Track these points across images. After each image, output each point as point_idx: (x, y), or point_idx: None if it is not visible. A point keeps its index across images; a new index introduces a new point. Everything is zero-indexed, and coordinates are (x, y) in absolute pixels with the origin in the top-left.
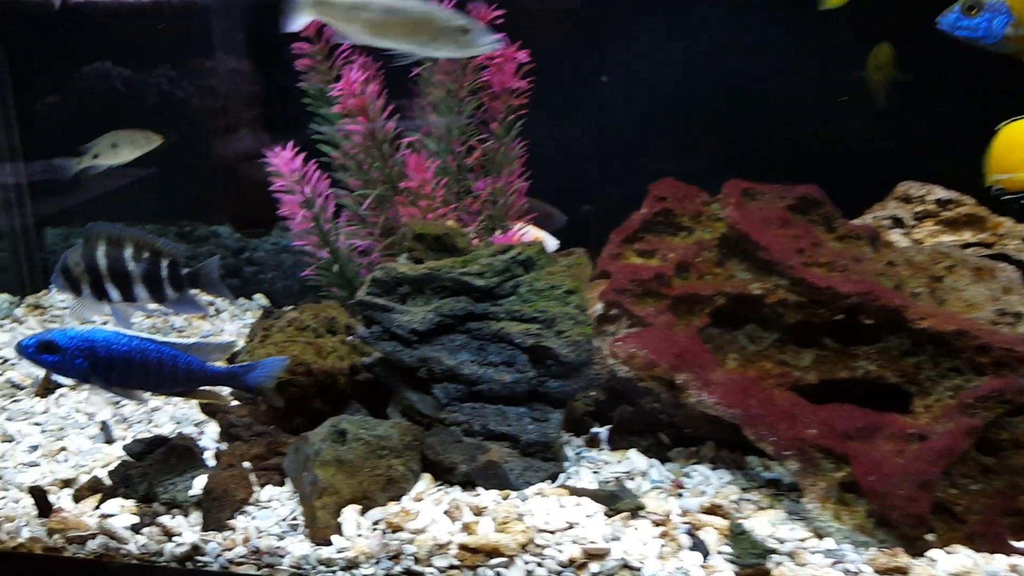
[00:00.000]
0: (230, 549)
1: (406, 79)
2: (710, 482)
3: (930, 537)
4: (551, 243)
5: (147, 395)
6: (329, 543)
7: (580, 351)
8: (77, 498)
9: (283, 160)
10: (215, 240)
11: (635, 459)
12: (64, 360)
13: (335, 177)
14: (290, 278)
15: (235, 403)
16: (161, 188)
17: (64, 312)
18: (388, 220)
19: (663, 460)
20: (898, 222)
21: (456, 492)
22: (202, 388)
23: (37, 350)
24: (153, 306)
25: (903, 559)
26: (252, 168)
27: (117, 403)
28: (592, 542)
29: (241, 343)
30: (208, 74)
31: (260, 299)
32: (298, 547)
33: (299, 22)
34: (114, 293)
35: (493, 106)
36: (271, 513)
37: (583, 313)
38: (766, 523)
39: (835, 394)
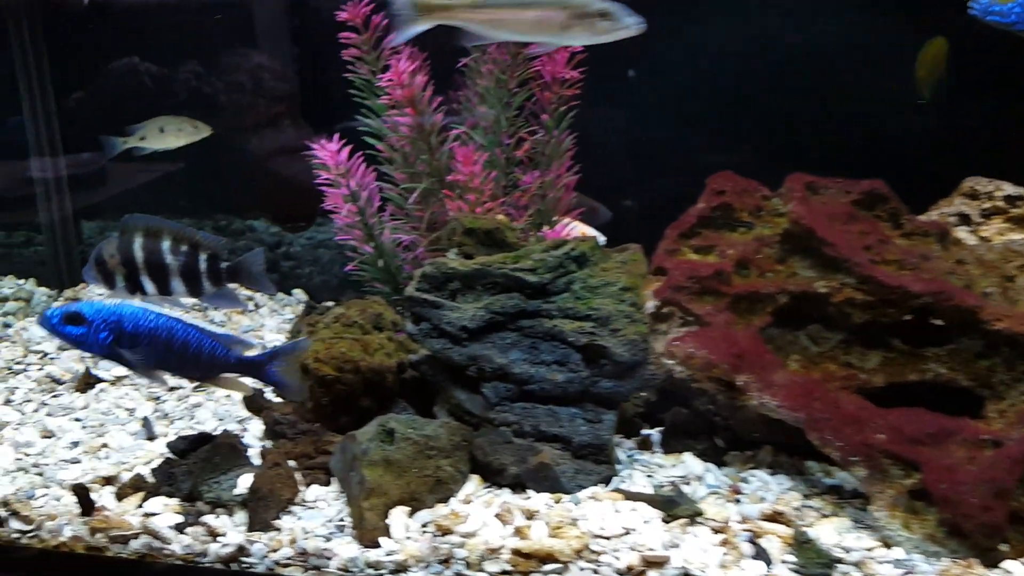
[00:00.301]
0: (276, 550)
1: (452, 70)
2: (769, 488)
3: (1004, 548)
4: (597, 239)
5: (168, 377)
6: (377, 545)
7: (636, 350)
8: (120, 496)
9: (329, 153)
10: (251, 234)
11: (690, 463)
12: (88, 333)
13: (380, 170)
14: (328, 273)
15: (277, 399)
16: (197, 182)
17: None
18: (434, 214)
19: (719, 464)
20: (964, 219)
21: (506, 495)
22: (223, 376)
23: (62, 321)
24: (190, 301)
25: (977, 570)
26: (292, 162)
27: (157, 399)
28: (651, 549)
29: (281, 338)
30: (246, 67)
31: (299, 294)
32: (346, 549)
33: (411, 33)
34: (149, 286)
35: (543, 97)
36: (317, 513)
37: (639, 311)
38: (831, 531)
39: (903, 398)
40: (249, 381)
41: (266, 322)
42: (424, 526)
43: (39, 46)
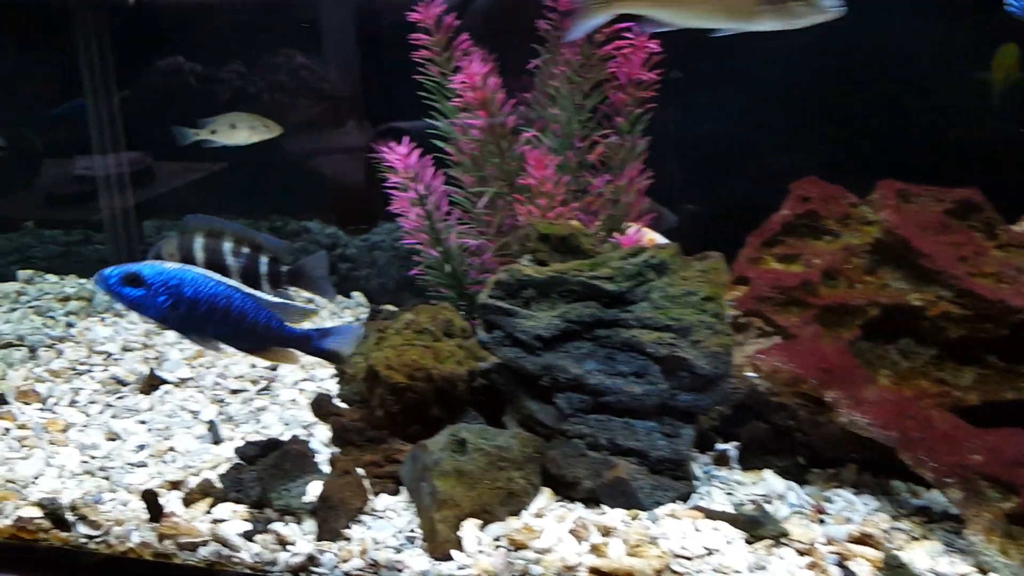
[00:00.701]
0: (346, 561)
1: (522, 71)
2: (855, 508)
3: None
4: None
5: (223, 347)
6: (449, 558)
7: (718, 363)
8: (187, 502)
9: (399, 156)
10: (306, 235)
11: (771, 480)
12: (147, 295)
13: (448, 173)
14: (385, 275)
15: (344, 405)
16: (251, 182)
17: None
18: (503, 219)
19: (800, 482)
20: None
21: (579, 509)
22: (274, 348)
23: (121, 282)
24: None
25: None
26: (354, 163)
27: (221, 402)
28: (736, 571)
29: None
30: (313, 68)
31: (358, 297)
32: (417, 561)
33: (594, 24)
34: None
35: (617, 99)
36: (387, 524)
37: (721, 322)
38: (923, 555)
39: (999, 417)
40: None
41: (327, 324)
42: (496, 540)
43: (104, 43)
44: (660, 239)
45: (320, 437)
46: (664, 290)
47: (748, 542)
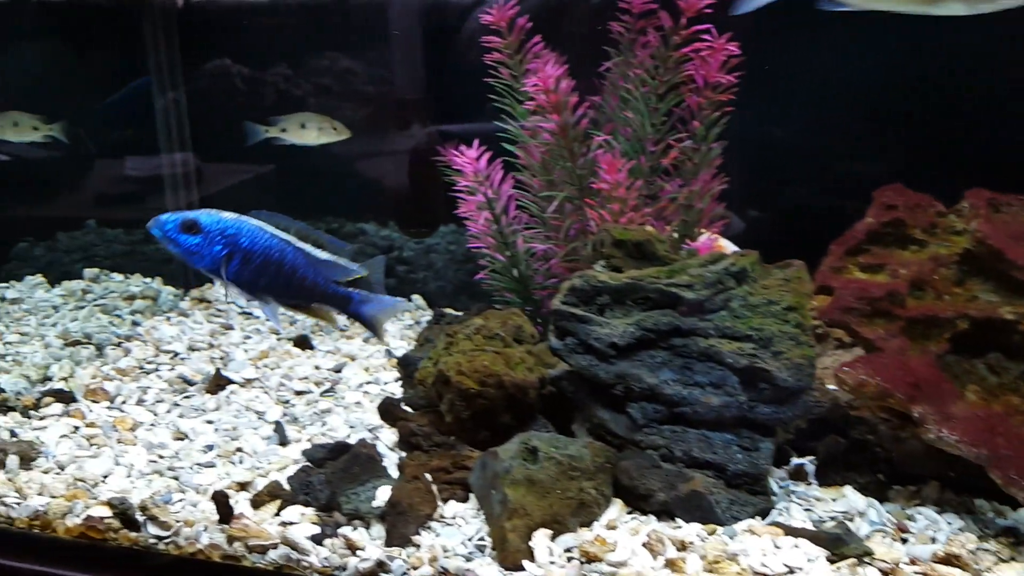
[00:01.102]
0: (416, 568)
1: (592, 74)
2: (939, 527)
3: None
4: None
5: (274, 304)
6: (521, 569)
7: (801, 375)
8: (256, 504)
9: (467, 160)
10: (361, 238)
11: (851, 497)
12: (203, 244)
13: (516, 177)
14: (442, 278)
15: (409, 409)
16: (305, 183)
17: (228, 307)
18: (570, 223)
19: (881, 499)
20: None
21: (653, 522)
22: (315, 305)
23: (178, 229)
24: None
25: None
26: (418, 166)
27: (286, 402)
28: None
29: (405, 344)
30: (384, 70)
31: (418, 300)
32: (487, 571)
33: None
34: None
35: (693, 102)
36: (456, 531)
37: (804, 333)
38: None
39: None
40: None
41: (388, 327)
42: (568, 551)
43: (173, 43)
44: (730, 246)
45: (385, 440)
46: (744, 299)
47: (831, 561)
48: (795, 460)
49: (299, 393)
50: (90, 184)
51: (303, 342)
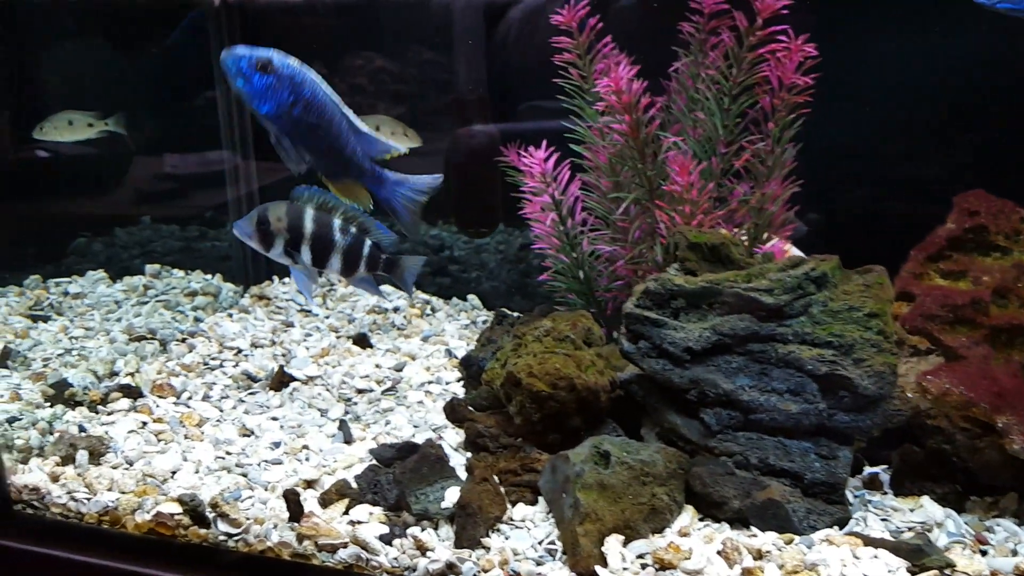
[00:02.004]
0: (487, 571)
1: (661, 75)
2: (1019, 539)
3: None
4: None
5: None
6: (593, 574)
7: (883, 383)
8: (324, 502)
9: (535, 161)
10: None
11: (929, 507)
12: (273, 87)
13: (583, 179)
14: (495, 278)
15: (474, 410)
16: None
17: (287, 304)
18: (637, 225)
19: (959, 510)
20: None
21: (727, 530)
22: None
23: (252, 66)
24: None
25: None
26: (479, 167)
27: (348, 400)
28: None
29: (464, 344)
30: (441, 69)
31: (474, 300)
32: (558, 575)
33: None
34: (306, 255)
35: (767, 104)
36: (525, 534)
37: (887, 340)
38: None
39: None
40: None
41: (445, 327)
42: (641, 557)
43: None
44: (795, 251)
45: (449, 441)
46: (824, 304)
47: (911, 572)
48: (868, 469)
49: (360, 391)
50: (144, 180)
51: (362, 340)
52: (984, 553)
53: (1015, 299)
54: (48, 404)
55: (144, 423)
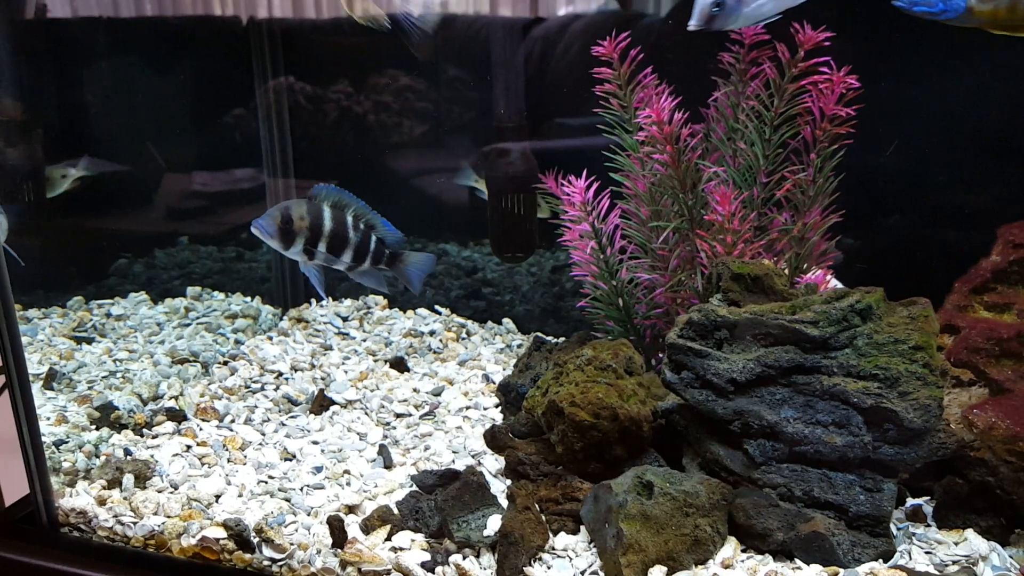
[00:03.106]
0: None
1: (700, 105)
2: None
3: None
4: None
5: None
6: None
7: (928, 416)
8: (366, 528)
9: (576, 189)
10: (444, 259)
11: (973, 540)
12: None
13: (623, 207)
14: (529, 302)
15: (513, 437)
16: (395, 202)
17: (325, 327)
18: (677, 254)
19: (1003, 543)
20: None
21: (770, 562)
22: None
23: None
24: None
25: None
26: (518, 192)
27: (387, 424)
28: None
29: (500, 369)
30: (468, 87)
31: (508, 324)
32: None
33: None
34: (320, 255)
35: (809, 134)
36: (567, 564)
37: (932, 373)
38: None
39: None
40: None
41: (481, 351)
42: None
43: (277, 62)
44: (835, 282)
45: (489, 466)
46: (869, 337)
47: None
48: (911, 501)
49: (399, 415)
50: (170, 200)
51: (399, 364)
52: None
53: None
54: (94, 427)
55: (188, 446)
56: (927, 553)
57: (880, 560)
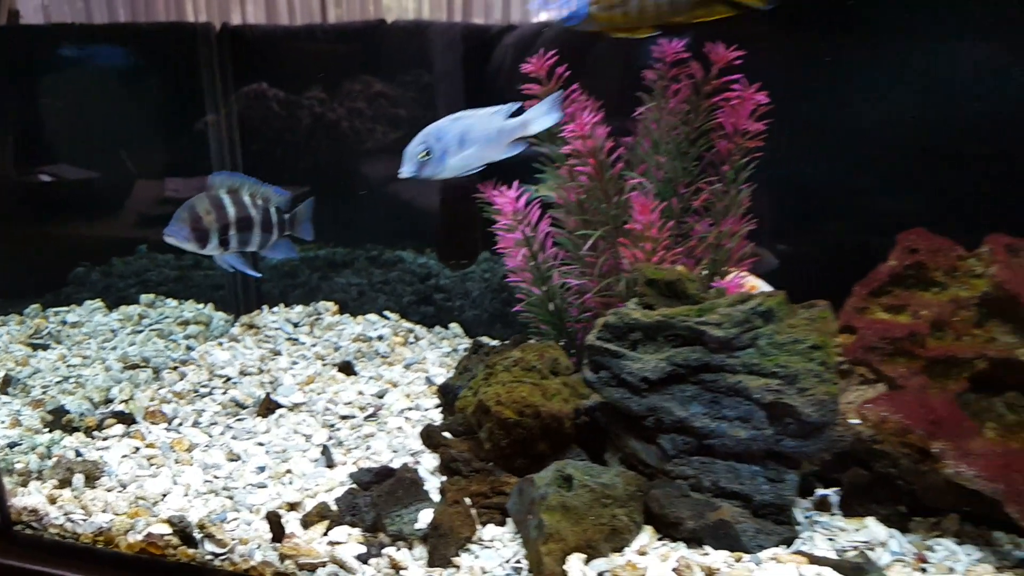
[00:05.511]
0: None
1: (626, 120)
2: (957, 558)
3: None
4: (766, 290)
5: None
6: None
7: (825, 411)
8: (306, 523)
9: (507, 199)
10: (400, 265)
11: (873, 528)
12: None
13: (553, 216)
14: (479, 307)
15: (448, 435)
16: (348, 210)
17: (276, 333)
18: (604, 261)
19: (902, 530)
20: None
21: (682, 549)
22: None
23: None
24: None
25: None
26: (460, 201)
27: (332, 426)
28: None
29: (445, 371)
30: (391, 94)
31: (455, 328)
32: None
33: None
34: (234, 241)
35: (723, 147)
36: (494, 554)
37: (828, 370)
38: None
39: None
40: None
41: (427, 354)
42: (601, 575)
43: (226, 68)
44: (761, 284)
45: (427, 465)
46: (771, 337)
47: None
48: (820, 491)
49: (344, 417)
50: (138, 207)
51: (347, 368)
52: (924, 571)
53: (951, 332)
54: (47, 430)
55: (137, 448)
56: (829, 539)
57: (783, 546)
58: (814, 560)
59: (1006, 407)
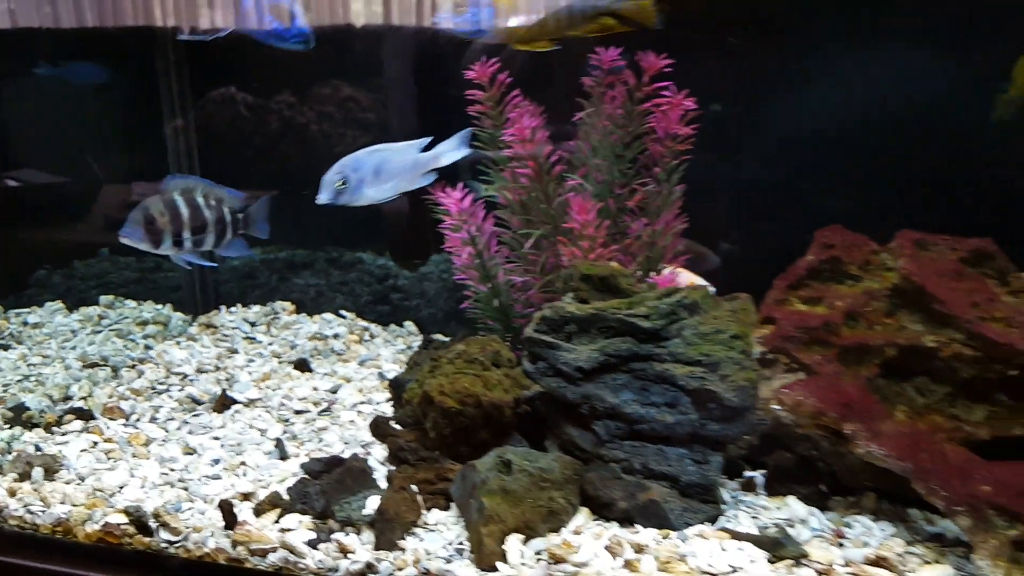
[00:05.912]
0: (401, 569)
1: (567, 123)
2: (872, 534)
3: None
4: (708, 287)
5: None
6: (495, 569)
7: (744, 396)
8: (258, 512)
9: (453, 199)
10: (359, 266)
11: (794, 506)
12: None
13: (497, 216)
14: (434, 306)
15: (399, 427)
16: (307, 213)
17: (233, 332)
18: (546, 258)
19: (822, 508)
20: None
21: (615, 528)
22: None
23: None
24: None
25: None
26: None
27: (286, 421)
28: None
29: (398, 368)
30: (360, 99)
31: (409, 326)
32: (464, 572)
33: None
34: (188, 242)
35: (655, 150)
36: (438, 536)
37: (748, 358)
38: None
39: (1008, 451)
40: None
41: (381, 352)
42: (538, 554)
43: (183, 73)
44: (699, 281)
45: (377, 455)
46: (696, 328)
47: (770, 561)
48: (747, 473)
49: (298, 412)
50: (104, 211)
51: (302, 365)
52: (841, 546)
53: (864, 321)
54: (7, 426)
55: (95, 443)
56: (752, 518)
57: (708, 523)
58: (736, 536)
59: (916, 391)
